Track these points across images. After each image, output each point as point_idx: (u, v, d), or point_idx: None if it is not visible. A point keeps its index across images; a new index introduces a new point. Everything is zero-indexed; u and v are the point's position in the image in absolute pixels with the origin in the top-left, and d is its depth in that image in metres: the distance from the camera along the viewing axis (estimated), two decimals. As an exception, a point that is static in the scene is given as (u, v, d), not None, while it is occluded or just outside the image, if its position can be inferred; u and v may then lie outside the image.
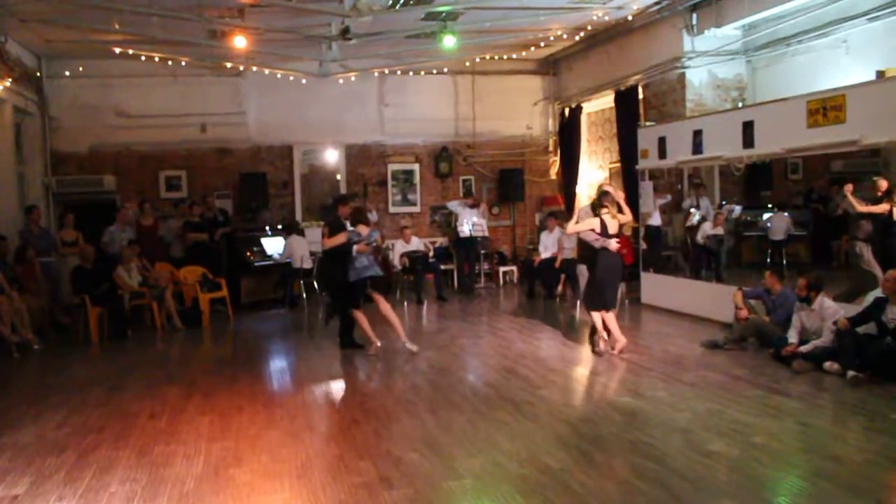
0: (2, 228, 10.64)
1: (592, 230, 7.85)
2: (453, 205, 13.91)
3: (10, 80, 11.10)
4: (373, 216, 13.57)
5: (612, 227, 7.88)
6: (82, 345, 9.81)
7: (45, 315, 10.43)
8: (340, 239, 8.16)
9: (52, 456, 5.30)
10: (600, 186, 8.88)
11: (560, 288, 12.13)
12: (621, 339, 7.94)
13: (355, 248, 8.30)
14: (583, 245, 8.20)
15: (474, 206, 13.67)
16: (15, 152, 11.88)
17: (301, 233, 12.92)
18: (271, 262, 12.59)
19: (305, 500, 4.39)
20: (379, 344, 8.36)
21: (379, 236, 11.75)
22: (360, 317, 8.41)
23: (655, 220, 11.50)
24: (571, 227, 8.17)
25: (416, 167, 14.86)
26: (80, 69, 12.88)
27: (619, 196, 8.27)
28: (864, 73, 8.25)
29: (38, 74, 12.68)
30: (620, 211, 8.01)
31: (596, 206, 8.03)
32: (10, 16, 9.96)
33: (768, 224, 11.05)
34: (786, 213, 11.06)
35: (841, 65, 9.54)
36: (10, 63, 11.14)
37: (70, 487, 4.71)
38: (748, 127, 8.86)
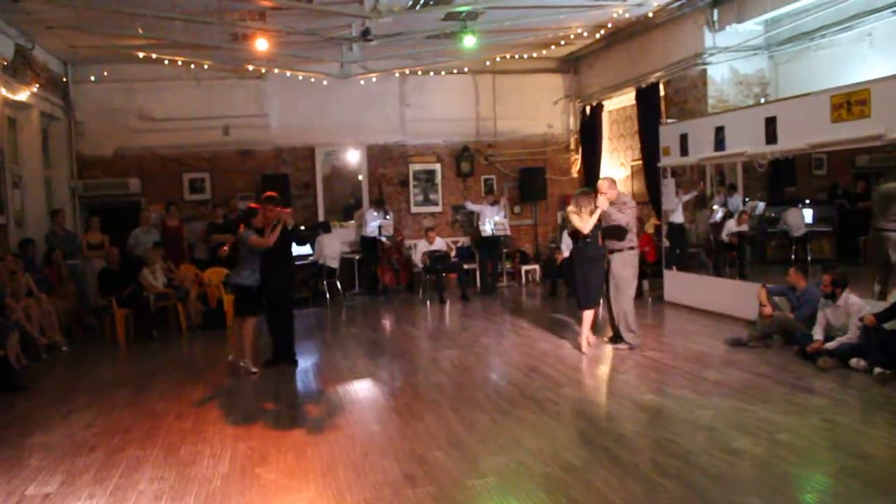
0: (31, 232, 10.83)
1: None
2: (470, 204, 13.95)
3: (37, 85, 11.31)
4: (390, 216, 13.67)
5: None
6: (109, 346, 9.95)
7: (73, 317, 10.59)
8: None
9: (81, 455, 5.40)
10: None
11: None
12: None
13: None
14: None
15: (495, 203, 13.70)
16: (42, 157, 12.08)
17: (329, 231, 13.07)
18: (295, 263, 12.67)
19: (330, 498, 4.43)
20: (254, 370, 7.88)
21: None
22: (250, 327, 8.02)
23: (678, 217, 11.44)
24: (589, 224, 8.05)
25: (437, 167, 14.89)
26: (105, 74, 13.06)
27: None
28: (890, 66, 8.16)
29: (64, 80, 12.90)
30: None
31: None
32: (36, 23, 10.16)
33: (785, 222, 10.94)
34: (801, 208, 10.94)
35: (865, 58, 9.43)
36: (36, 69, 11.36)
37: (100, 486, 4.79)
38: (771, 123, 8.79)
